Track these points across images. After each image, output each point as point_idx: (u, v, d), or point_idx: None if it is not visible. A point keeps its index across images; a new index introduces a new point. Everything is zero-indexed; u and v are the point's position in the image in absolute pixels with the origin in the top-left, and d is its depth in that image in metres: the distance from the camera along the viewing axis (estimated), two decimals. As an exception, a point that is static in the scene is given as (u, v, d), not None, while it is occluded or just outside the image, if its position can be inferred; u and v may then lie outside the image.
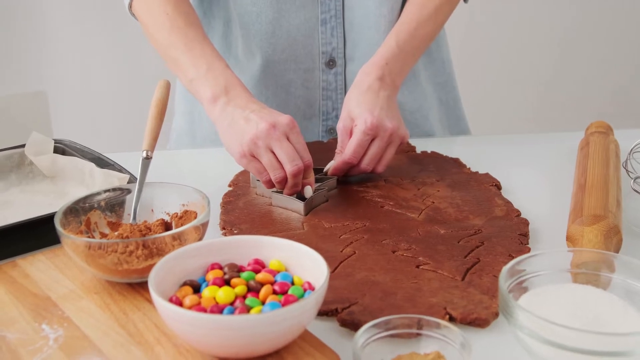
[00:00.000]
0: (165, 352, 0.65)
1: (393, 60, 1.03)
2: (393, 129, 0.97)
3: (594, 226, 0.78)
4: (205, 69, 0.98)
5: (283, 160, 0.90)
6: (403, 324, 0.65)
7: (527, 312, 0.62)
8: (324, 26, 1.13)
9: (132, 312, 0.71)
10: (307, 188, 0.92)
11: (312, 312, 0.63)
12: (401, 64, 1.03)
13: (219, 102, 0.95)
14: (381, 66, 1.02)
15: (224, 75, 0.97)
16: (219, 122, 0.95)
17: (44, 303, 0.72)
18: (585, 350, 0.60)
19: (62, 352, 0.65)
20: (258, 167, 0.92)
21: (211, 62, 0.98)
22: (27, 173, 1.02)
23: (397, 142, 0.99)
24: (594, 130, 1.05)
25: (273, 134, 0.89)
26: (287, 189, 0.92)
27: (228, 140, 0.94)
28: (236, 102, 0.94)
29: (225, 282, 0.67)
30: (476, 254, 0.81)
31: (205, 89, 0.97)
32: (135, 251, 0.72)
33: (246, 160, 0.92)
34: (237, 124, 0.92)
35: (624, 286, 0.70)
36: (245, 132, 0.91)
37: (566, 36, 2.52)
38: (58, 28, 2.23)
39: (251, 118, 0.91)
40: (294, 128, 0.91)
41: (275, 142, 0.90)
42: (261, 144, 0.90)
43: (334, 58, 1.15)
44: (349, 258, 0.81)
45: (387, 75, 1.02)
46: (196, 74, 0.98)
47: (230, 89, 0.96)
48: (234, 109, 0.94)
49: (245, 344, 0.60)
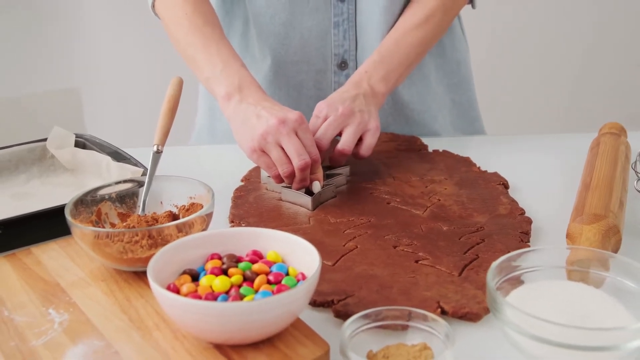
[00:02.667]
0: (163, 337, 0.67)
1: (372, 67, 1.06)
2: (344, 111, 0.98)
3: (593, 225, 0.79)
4: (221, 68, 1.01)
5: (291, 154, 0.92)
6: (392, 315, 0.67)
7: (513, 307, 0.63)
8: (336, 29, 1.15)
9: (135, 299, 0.73)
10: (315, 183, 0.95)
11: (303, 301, 0.65)
12: (384, 72, 1.06)
13: (233, 99, 0.98)
14: (360, 73, 1.06)
15: (238, 74, 1.00)
16: (232, 119, 0.98)
17: (53, 289, 0.76)
18: (569, 345, 0.61)
19: (65, 335, 0.68)
20: (267, 162, 0.94)
21: (227, 61, 1.01)
22: (49, 166, 1.06)
23: (362, 127, 0.99)
24: (606, 131, 1.05)
25: (282, 130, 0.92)
26: (295, 183, 0.94)
27: (240, 136, 0.97)
28: (249, 99, 0.97)
29: (223, 271, 0.70)
30: (476, 250, 0.83)
31: (220, 87, 1.00)
32: (141, 241, 0.75)
33: (256, 155, 0.95)
34: (249, 120, 0.95)
35: (617, 285, 0.70)
36: (256, 128, 0.93)
37: (586, 39, 2.50)
38: (93, 27, 2.29)
39: (262, 115, 0.94)
40: (302, 124, 0.93)
41: (284, 138, 0.92)
42: (270, 140, 0.92)
43: (345, 60, 1.17)
44: (350, 252, 0.83)
45: (365, 81, 1.05)
46: (212, 72, 1.01)
47: (244, 87, 0.99)
48: (247, 106, 0.96)
49: (237, 330, 0.63)
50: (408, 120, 1.23)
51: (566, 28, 2.50)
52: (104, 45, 2.31)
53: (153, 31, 2.19)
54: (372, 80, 1.05)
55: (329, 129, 0.98)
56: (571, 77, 2.53)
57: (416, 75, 1.21)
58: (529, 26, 2.49)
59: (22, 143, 1.06)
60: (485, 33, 2.27)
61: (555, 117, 2.53)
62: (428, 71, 1.22)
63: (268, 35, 1.16)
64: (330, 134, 0.98)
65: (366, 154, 1.00)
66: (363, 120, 0.99)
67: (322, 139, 0.97)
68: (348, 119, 0.98)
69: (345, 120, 0.98)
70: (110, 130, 2.10)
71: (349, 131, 0.98)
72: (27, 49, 2.22)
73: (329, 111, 0.99)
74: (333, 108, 0.99)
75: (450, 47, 1.24)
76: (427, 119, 1.23)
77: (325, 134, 0.98)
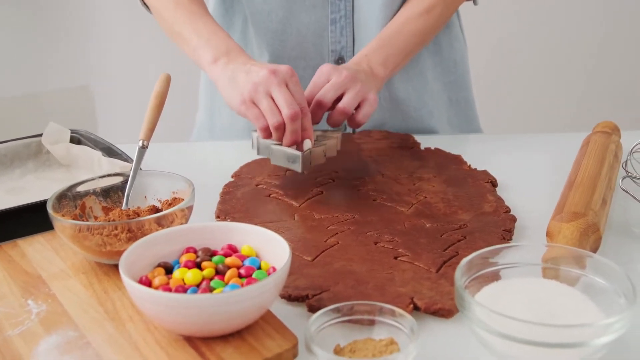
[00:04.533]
0: (136, 328, 0.68)
1: (372, 52, 1.06)
2: (347, 75, 0.98)
3: (572, 223, 0.79)
4: (207, 37, 1.02)
5: (281, 105, 0.91)
6: (361, 310, 0.67)
7: (479, 305, 0.63)
8: (333, 25, 1.16)
9: (113, 291, 0.75)
10: (306, 141, 0.94)
11: (270, 294, 0.65)
12: (383, 56, 1.06)
13: (220, 62, 0.99)
14: (360, 56, 1.07)
15: (225, 41, 1.01)
16: (220, 79, 0.98)
17: (34, 281, 0.77)
18: (534, 342, 0.61)
19: (41, 325, 0.69)
20: (256, 113, 0.93)
21: (213, 32, 1.03)
22: (44, 161, 1.07)
23: (362, 94, 0.99)
24: (598, 130, 1.05)
25: (273, 80, 0.91)
26: (286, 137, 0.92)
27: (229, 92, 0.96)
28: (237, 61, 0.98)
29: (196, 264, 0.71)
30: (456, 247, 0.83)
31: (207, 54, 1.00)
32: (120, 234, 0.76)
33: (245, 107, 0.94)
34: (238, 77, 0.95)
35: (590, 283, 0.70)
36: (246, 81, 0.93)
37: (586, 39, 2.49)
38: (105, 25, 2.32)
39: (251, 70, 0.94)
40: (293, 76, 0.93)
41: (275, 87, 0.91)
42: (261, 89, 0.92)
43: (342, 56, 1.17)
44: (331, 248, 0.83)
45: (365, 63, 1.05)
46: (198, 42, 1.02)
47: (231, 51, 1.00)
48: (235, 66, 0.97)
49: (204, 322, 0.63)
50: (404, 116, 1.23)
51: (565, 27, 2.49)
52: (116, 43, 2.34)
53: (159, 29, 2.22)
54: (371, 62, 1.05)
55: (331, 89, 0.97)
56: (571, 76, 2.52)
57: (413, 71, 1.21)
58: (528, 26, 2.49)
59: (17, 138, 1.07)
60: (485, 32, 2.26)
61: (555, 116, 2.52)
62: (425, 68, 1.22)
63: (265, 32, 1.17)
64: (332, 95, 0.97)
65: (363, 120, 1.00)
66: (364, 88, 0.99)
67: (324, 97, 0.97)
68: (351, 83, 0.98)
69: (348, 84, 0.98)
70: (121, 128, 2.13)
71: (350, 94, 0.98)
72: (40, 47, 2.26)
73: (333, 73, 0.99)
74: (337, 71, 0.99)
75: (448, 46, 1.24)
76: (423, 115, 1.23)
77: (327, 93, 0.97)
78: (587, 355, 0.63)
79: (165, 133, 1.31)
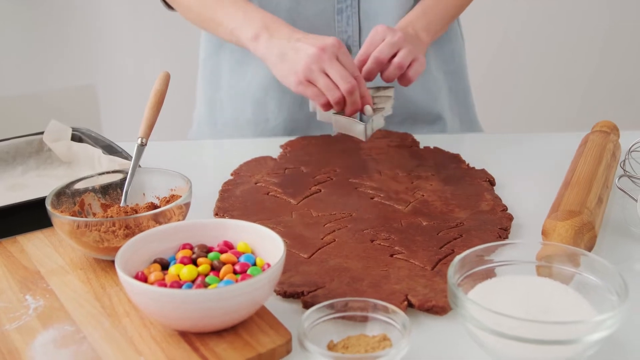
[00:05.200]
0: (131, 323, 0.69)
1: (416, 19, 1.12)
2: (402, 35, 1.02)
3: (567, 221, 0.79)
4: (242, 16, 1.05)
5: (337, 80, 0.95)
6: (354, 307, 0.68)
7: (471, 301, 0.63)
8: (339, 15, 1.17)
9: (110, 286, 0.75)
10: (367, 107, 0.99)
11: (264, 290, 0.66)
12: (426, 23, 1.12)
13: (262, 38, 1.02)
14: (405, 22, 1.11)
15: (259, 15, 1.05)
16: (267, 56, 1.02)
17: (33, 276, 0.78)
18: (525, 338, 0.61)
19: (38, 320, 0.70)
20: (315, 91, 0.97)
21: (245, 9, 1.06)
22: (46, 158, 1.08)
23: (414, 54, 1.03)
24: (596, 130, 1.05)
25: (324, 57, 0.95)
26: (347, 108, 0.98)
27: (282, 72, 1.00)
28: (278, 34, 1.01)
29: (192, 261, 0.71)
30: (452, 245, 0.83)
31: (246, 31, 1.04)
32: (117, 230, 0.77)
33: (303, 87, 0.98)
34: (288, 55, 0.99)
35: (583, 281, 0.70)
36: (298, 61, 0.97)
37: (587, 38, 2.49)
38: (109, 24, 2.33)
39: (299, 47, 0.97)
40: (341, 48, 0.97)
41: (327, 64, 0.95)
42: (315, 68, 0.96)
43: (349, 46, 1.19)
44: (327, 245, 0.84)
45: (410, 28, 1.10)
46: (234, 23, 1.06)
47: (269, 24, 1.03)
48: (279, 41, 1.00)
49: (199, 317, 0.64)
50: (409, 100, 1.24)
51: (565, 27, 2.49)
52: (121, 42, 2.35)
53: (169, 28, 2.23)
54: (416, 28, 1.10)
55: (387, 47, 1.01)
56: (572, 75, 2.52)
57: None
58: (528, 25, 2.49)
59: (20, 136, 1.08)
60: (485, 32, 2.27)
61: (556, 116, 2.52)
62: (428, 57, 1.24)
63: None
64: (388, 52, 1.01)
65: (413, 77, 1.04)
66: (415, 49, 1.04)
67: (380, 54, 1.01)
68: (404, 42, 1.02)
69: (402, 43, 1.02)
70: (125, 126, 2.14)
71: (404, 51, 1.02)
72: (44, 46, 2.27)
73: (388, 33, 1.02)
74: (391, 31, 1.02)
75: (447, 38, 1.27)
76: (428, 100, 1.25)
77: (384, 50, 1.01)
78: (579, 352, 0.63)
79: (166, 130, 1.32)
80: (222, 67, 1.27)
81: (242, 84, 1.25)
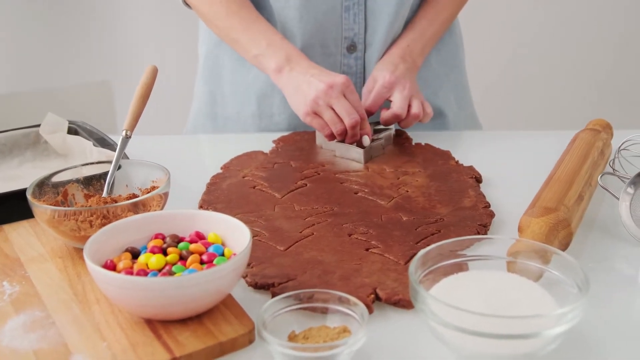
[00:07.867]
0: (100, 310, 0.70)
1: (414, 43, 1.18)
2: (411, 86, 1.11)
3: (542, 218, 0.79)
4: (266, 45, 1.12)
5: (342, 114, 1.04)
6: (318, 298, 0.68)
7: (430, 297, 0.63)
8: (347, 12, 1.18)
9: (85, 274, 0.77)
10: (364, 138, 1.06)
11: (228, 279, 0.67)
12: (421, 47, 1.19)
13: (284, 71, 1.10)
14: (403, 47, 1.18)
15: (283, 47, 1.12)
16: (286, 88, 1.11)
17: (12, 264, 0.79)
18: (485, 333, 0.61)
19: (11, 305, 0.72)
20: (321, 123, 1.06)
21: (269, 38, 1.13)
22: (42, 151, 1.10)
23: (419, 97, 1.12)
24: (588, 128, 1.04)
25: (332, 93, 1.04)
26: (348, 139, 1.06)
27: (295, 103, 1.09)
28: (298, 69, 1.10)
29: (162, 250, 0.72)
30: (428, 240, 0.83)
31: (270, 62, 1.12)
32: (95, 220, 0.78)
33: (310, 118, 1.07)
34: (301, 88, 1.08)
35: (553, 278, 0.70)
36: (308, 94, 1.06)
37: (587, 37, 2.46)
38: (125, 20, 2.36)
39: (312, 81, 1.06)
40: (349, 86, 1.06)
41: (334, 100, 1.04)
42: (322, 103, 1.05)
43: (355, 43, 1.20)
44: (305, 239, 0.84)
45: (408, 54, 1.17)
46: (258, 50, 1.13)
47: (292, 58, 1.11)
48: (297, 75, 1.09)
49: (162, 305, 0.65)
50: None
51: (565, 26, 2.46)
52: (136, 38, 2.37)
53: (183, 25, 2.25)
54: (413, 54, 1.18)
55: (403, 102, 1.10)
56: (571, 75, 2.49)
57: None
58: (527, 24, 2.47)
59: (17, 128, 1.10)
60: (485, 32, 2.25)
61: (556, 115, 2.49)
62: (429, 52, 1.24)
63: (285, 19, 1.20)
64: (405, 107, 1.10)
65: (425, 121, 1.13)
66: (418, 93, 1.13)
67: (401, 112, 1.09)
68: (412, 90, 1.11)
69: (411, 91, 1.11)
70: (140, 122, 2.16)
71: (417, 102, 1.10)
72: (60, 43, 2.30)
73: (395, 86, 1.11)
74: (400, 84, 1.11)
75: (448, 33, 1.28)
76: (428, 95, 1.25)
77: (402, 107, 1.10)
78: (540, 347, 0.63)
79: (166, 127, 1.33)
80: (224, 61, 1.28)
81: (247, 79, 1.26)
